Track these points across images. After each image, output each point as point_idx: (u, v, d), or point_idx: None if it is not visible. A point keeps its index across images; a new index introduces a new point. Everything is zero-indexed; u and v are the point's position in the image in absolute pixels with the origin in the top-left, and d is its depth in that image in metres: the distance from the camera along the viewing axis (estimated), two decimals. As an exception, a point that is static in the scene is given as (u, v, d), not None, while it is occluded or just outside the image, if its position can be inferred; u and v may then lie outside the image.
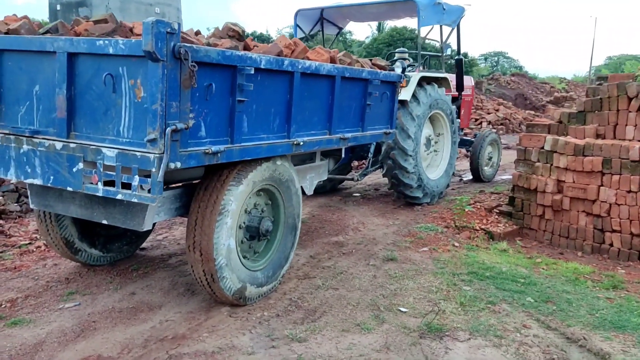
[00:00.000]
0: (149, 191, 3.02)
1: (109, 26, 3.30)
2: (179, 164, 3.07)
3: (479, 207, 6.72)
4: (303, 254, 5.28)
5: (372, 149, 7.12)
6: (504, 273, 4.86)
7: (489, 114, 21.43)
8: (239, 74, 3.42)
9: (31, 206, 4.06)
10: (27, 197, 6.31)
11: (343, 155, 6.27)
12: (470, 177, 9.47)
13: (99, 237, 4.69)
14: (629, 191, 5.25)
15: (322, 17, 8.21)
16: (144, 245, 5.34)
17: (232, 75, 3.41)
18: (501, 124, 20.90)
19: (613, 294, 4.51)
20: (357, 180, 7.00)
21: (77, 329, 3.65)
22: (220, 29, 4.12)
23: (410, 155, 6.69)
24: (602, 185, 5.45)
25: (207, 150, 3.28)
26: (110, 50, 3.00)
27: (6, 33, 3.43)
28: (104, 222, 3.76)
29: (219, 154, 3.38)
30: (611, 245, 5.47)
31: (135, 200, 3.09)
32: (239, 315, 3.87)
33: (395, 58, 8.31)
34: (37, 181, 3.33)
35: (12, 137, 3.37)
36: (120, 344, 3.46)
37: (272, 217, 4.31)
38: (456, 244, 5.67)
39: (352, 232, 6.17)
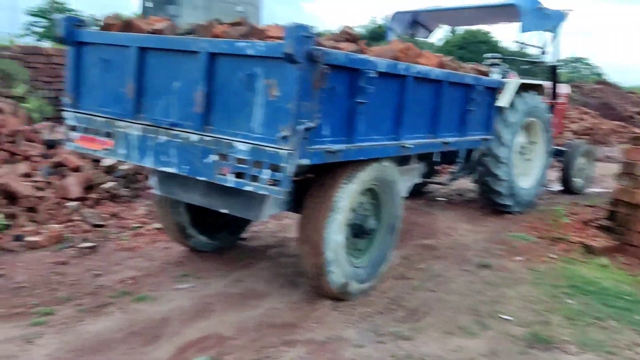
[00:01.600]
0: (277, 184, 3.21)
1: (244, 29, 3.52)
2: (306, 161, 3.25)
3: (574, 219, 6.52)
4: (396, 254, 5.34)
5: (462, 154, 7.06)
6: (607, 289, 4.72)
7: (573, 123, 20.54)
8: (360, 77, 3.56)
9: (156, 192, 4.39)
10: (134, 182, 6.77)
11: (437, 160, 6.28)
12: (559, 187, 9.17)
13: (208, 225, 4.98)
14: None
15: (414, 20, 8.23)
16: (243, 236, 5.59)
17: (354, 77, 3.55)
18: (586, 134, 19.97)
19: None
20: (447, 185, 6.97)
21: (195, 308, 3.92)
22: (339, 32, 4.27)
23: (503, 163, 6.59)
24: None
25: (329, 149, 3.43)
26: (250, 52, 3.21)
27: (151, 33, 3.74)
28: (224, 211, 4.01)
29: (339, 153, 3.53)
30: None
31: (265, 193, 3.29)
32: (343, 310, 4.01)
33: (488, 63, 8.19)
34: (172, 170, 3.61)
35: (151, 128, 3.67)
36: (236, 326, 3.69)
37: (375, 217, 4.42)
38: (552, 256, 5.55)
39: (441, 236, 6.17)
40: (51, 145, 7.08)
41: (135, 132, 3.74)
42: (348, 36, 4.19)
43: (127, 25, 3.84)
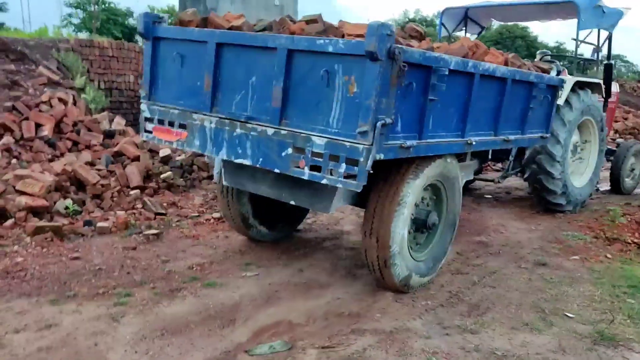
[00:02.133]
0: (354, 178, 3.31)
1: (320, 26, 3.62)
2: (382, 156, 3.34)
3: (629, 219, 6.44)
4: (450, 250, 5.39)
5: (513, 152, 7.04)
6: (667, 290, 4.68)
7: (616, 121, 20.06)
8: (433, 74, 3.61)
9: (224, 183, 4.54)
10: (190, 173, 6.98)
11: (490, 157, 6.30)
12: (607, 187, 9.02)
13: (268, 216, 5.11)
14: None
15: (466, 16, 8.20)
16: (298, 228, 5.73)
17: (427, 75, 3.61)
18: (629, 134, 19.49)
19: None
20: (498, 182, 6.96)
21: (263, 295, 4.07)
22: (404, 29, 4.34)
23: (558, 162, 6.55)
24: None
25: (402, 145, 3.51)
26: (330, 49, 3.30)
27: (229, 29, 3.87)
28: (292, 202, 4.14)
29: (410, 149, 3.60)
30: None
31: (340, 186, 3.39)
32: (405, 302, 4.09)
33: (537, 58, 8.11)
34: (247, 161, 3.74)
35: (227, 121, 3.81)
36: (305, 314, 3.82)
37: (437, 212, 4.48)
38: (608, 256, 5.51)
39: (493, 233, 6.19)
40: (110, 135, 7.35)
41: (211, 125, 3.89)
42: (415, 33, 4.25)
43: (204, 22, 3.98)
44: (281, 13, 27.23)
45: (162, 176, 6.55)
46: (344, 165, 3.32)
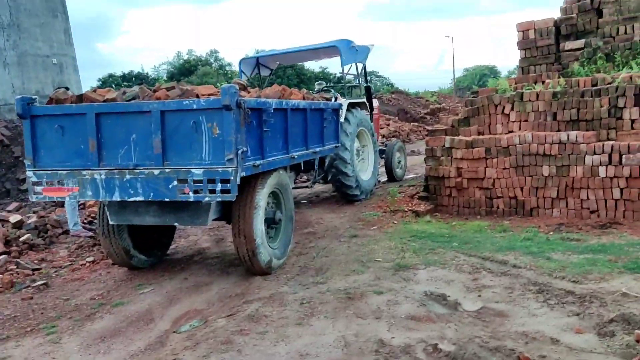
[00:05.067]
0: (228, 193, 4.74)
1: (178, 91, 4.98)
2: (244, 173, 4.84)
3: (404, 195, 8.97)
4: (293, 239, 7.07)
5: (316, 163, 9.10)
6: (433, 234, 7.05)
7: (382, 128, 24.46)
8: (264, 113, 5.26)
9: (110, 222, 5.50)
10: (46, 232, 7.46)
11: (302, 168, 8.19)
12: (386, 178, 11.79)
13: (144, 245, 6.16)
14: (504, 168, 7.74)
15: (258, 63, 10.15)
16: (167, 253, 6.81)
17: (260, 114, 5.23)
18: (393, 136, 24.00)
19: (504, 234, 6.87)
20: (311, 187, 8.94)
21: (166, 299, 5.19)
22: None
23: (349, 163, 8.77)
24: (487, 167, 7.89)
25: (254, 164, 5.06)
26: (194, 106, 4.71)
27: (104, 101, 4.97)
28: (175, 224, 5.36)
29: (259, 166, 5.17)
30: (497, 207, 7.91)
31: (219, 200, 4.79)
32: (271, 279, 5.61)
33: (316, 89, 10.43)
34: (139, 198, 4.88)
35: (115, 171, 4.89)
36: (204, 302, 5.07)
37: (280, 211, 6.11)
38: (395, 221, 7.81)
39: (316, 224, 8.08)
40: (-55, 212, 7.37)
41: (101, 177, 4.92)
42: (240, 85, 5.86)
43: (80, 98, 5.00)
44: (60, 70, 26.37)
45: (21, 239, 6.95)
46: (219, 185, 4.73)
